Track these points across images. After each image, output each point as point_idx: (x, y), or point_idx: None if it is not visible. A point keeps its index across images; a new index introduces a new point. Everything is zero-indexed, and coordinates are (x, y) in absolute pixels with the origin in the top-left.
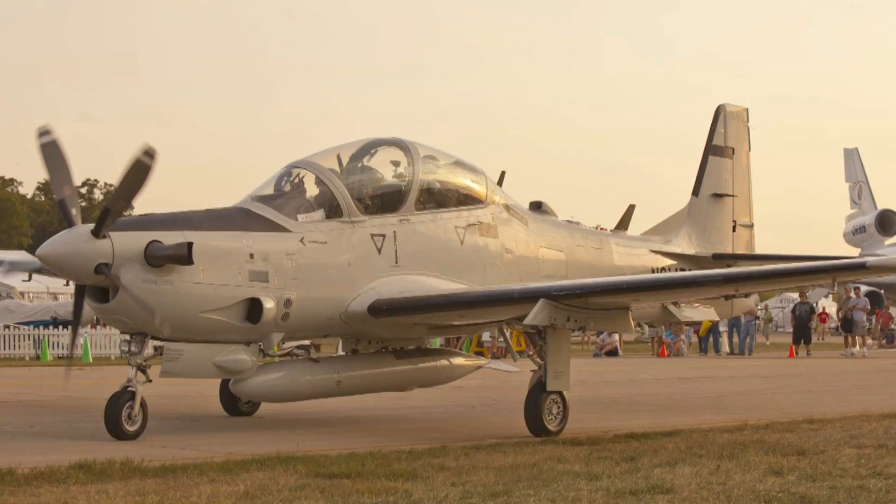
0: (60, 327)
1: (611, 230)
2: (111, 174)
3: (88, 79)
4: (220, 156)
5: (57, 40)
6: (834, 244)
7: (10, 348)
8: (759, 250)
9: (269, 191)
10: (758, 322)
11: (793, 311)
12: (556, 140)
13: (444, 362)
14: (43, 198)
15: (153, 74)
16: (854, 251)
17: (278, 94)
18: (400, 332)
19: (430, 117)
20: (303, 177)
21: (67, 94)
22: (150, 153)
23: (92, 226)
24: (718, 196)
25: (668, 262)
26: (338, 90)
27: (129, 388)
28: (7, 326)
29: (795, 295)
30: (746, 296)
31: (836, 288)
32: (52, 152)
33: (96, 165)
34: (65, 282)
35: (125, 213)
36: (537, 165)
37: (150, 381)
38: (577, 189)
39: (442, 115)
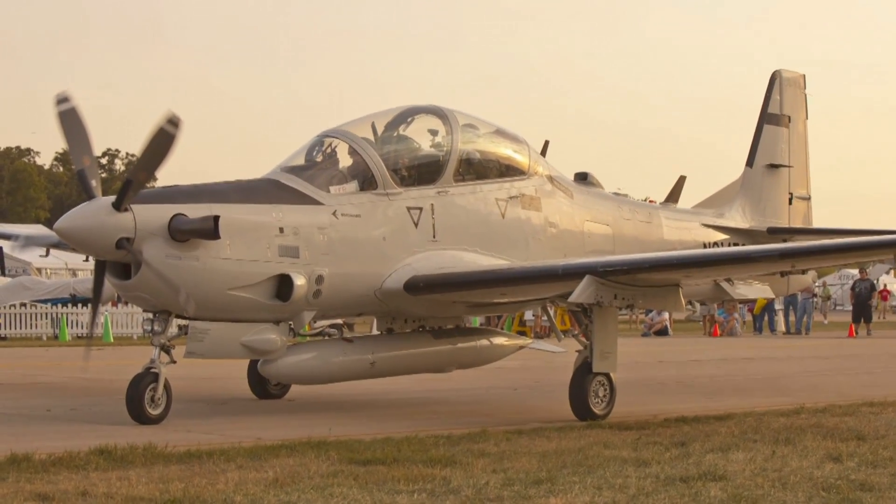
0: (79, 305)
1: (660, 203)
2: (133, 144)
3: (109, 44)
4: (247, 125)
5: (76, 3)
6: None
7: (26, 327)
8: (816, 224)
9: (300, 161)
10: (815, 300)
11: (852, 289)
12: (602, 108)
13: (484, 342)
14: (61, 169)
15: (177, 39)
16: None
17: (308, 59)
18: (438, 311)
19: (469, 84)
20: (335, 146)
21: (87, 59)
22: (174, 122)
23: (113, 198)
24: (774, 167)
25: (721, 236)
26: (371, 55)
27: (152, 370)
28: (23, 304)
29: (855, 271)
30: (803, 272)
31: None
32: (70, 121)
33: (117, 135)
34: (84, 257)
35: (148, 185)
36: (582, 135)
37: (175, 362)
38: (625, 160)
39: (481, 81)
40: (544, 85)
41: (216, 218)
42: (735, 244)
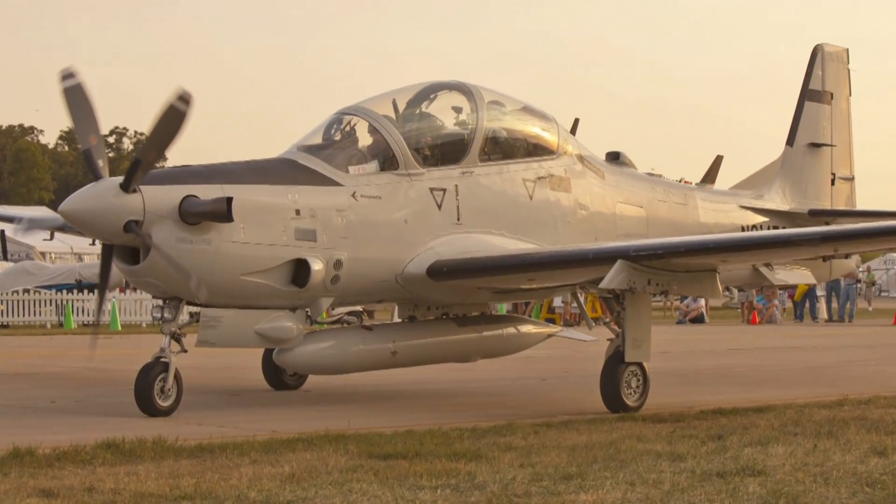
0: (86, 291)
1: (696, 184)
2: (142, 122)
3: (117, 15)
4: (261, 102)
5: None
6: None
7: (30, 315)
8: (860, 206)
9: (317, 140)
10: (859, 286)
11: None
12: (635, 84)
13: (511, 330)
14: (66, 148)
15: (188, 10)
16: None
17: (326, 33)
18: (462, 297)
19: (495, 59)
20: (354, 124)
21: (94, 32)
22: (185, 98)
23: (121, 179)
24: (815, 146)
25: (760, 219)
26: (392, 29)
27: (162, 359)
28: (27, 291)
29: None
30: (847, 256)
31: None
32: (76, 97)
33: (125, 112)
34: (90, 241)
35: (157, 165)
36: (614, 112)
37: (186, 351)
38: (659, 138)
39: (507, 56)
40: (574, 60)
41: (229, 199)
42: (775, 227)
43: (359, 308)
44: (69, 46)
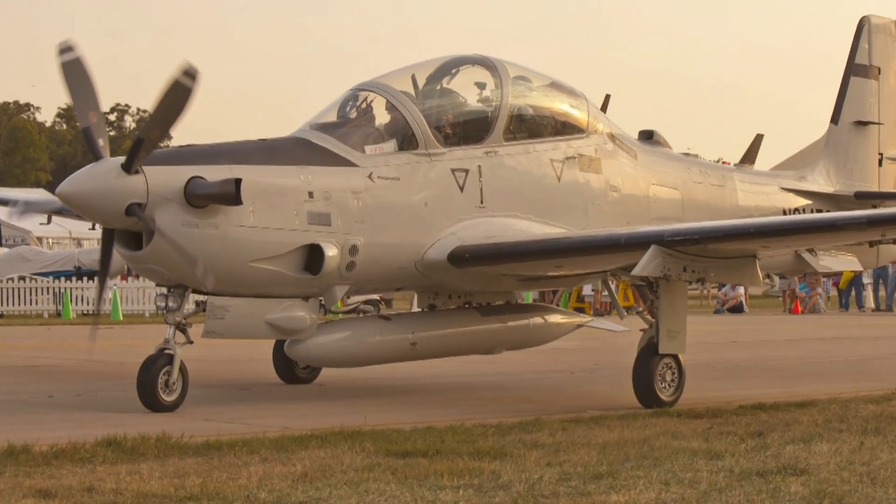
0: (85, 279)
1: (735, 164)
2: (145, 98)
3: None
4: (272, 77)
5: None
6: None
7: (25, 303)
8: None
9: (332, 118)
10: None
11: None
12: (669, 59)
13: (537, 320)
14: (64, 126)
15: None
16: None
17: (341, 3)
18: (486, 285)
19: (521, 32)
20: (371, 101)
21: (94, 3)
22: (190, 74)
23: (122, 159)
24: (862, 124)
25: (803, 201)
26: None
27: (167, 351)
28: (22, 278)
29: None
30: (895, 241)
31: None
32: (75, 73)
33: (127, 88)
34: (90, 225)
35: (161, 145)
36: (648, 88)
37: (191, 342)
38: (695, 116)
39: (534, 29)
40: (605, 33)
41: (238, 181)
42: (818, 210)
43: (376, 297)
44: (68, 18)
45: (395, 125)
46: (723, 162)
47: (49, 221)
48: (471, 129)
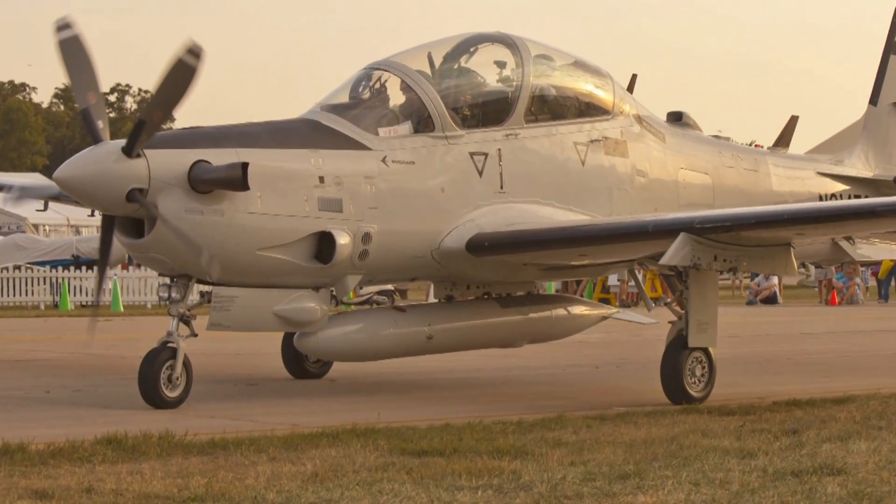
0: (84, 268)
1: (768, 148)
2: (147, 78)
3: None
4: (281, 56)
5: None
6: None
7: (21, 294)
8: None
9: (344, 98)
10: None
11: None
12: (699, 37)
13: (560, 312)
14: (62, 107)
15: None
16: None
17: None
18: (506, 275)
19: (542, 8)
20: (385, 81)
21: None
22: (195, 52)
23: (123, 142)
24: None
25: (840, 186)
26: None
27: (170, 344)
28: (17, 267)
29: None
30: None
31: None
32: (73, 51)
33: (128, 67)
34: (89, 212)
35: (164, 127)
36: (676, 68)
37: (196, 335)
38: (726, 97)
39: (557, 5)
40: (631, 9)
41: (245, 165)
42: (856, 196)
43: (390, 287)
44: None
45: (410, 106)
46: (755, 145)
47: (46, 208)
48: (490, 111)
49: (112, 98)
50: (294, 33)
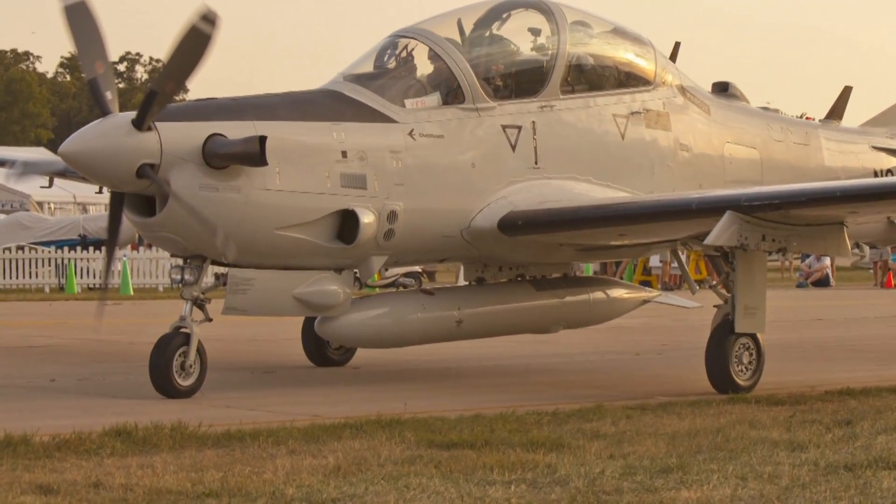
0: (91, 249)
1: (820, 120)
2: (158, 47)
3: None
4: (301, 22)
5: None
6: None
7: (24, 276)
8: None
9: (368, 68)
10: None
11: None
12: (746, 2)
13: (598, 295)
14: (68, 77)
15: None
16: None
17: None
18: (541, 255)
19: None
20: (412, 49)
21: None
22: (209, 18)
23: (133, 114)
24: None
25: None
26: None
27: (183, 330)
28: (21, 248)
29: None
30: None
31: None
32: (79, 17)
33: (138, 35)
34: (97, 188)
35: (177, 98)
36: (722, 35)
37: (211, 319)
38: (776, 67)
39: None
40: None
41: (262, 139)
42: None
43: (417, 269)
44: None
45: (438, 76)
46: (806, 118)
47: (51, 184)
48: (524, 81)
49: (121, 68)
50: None
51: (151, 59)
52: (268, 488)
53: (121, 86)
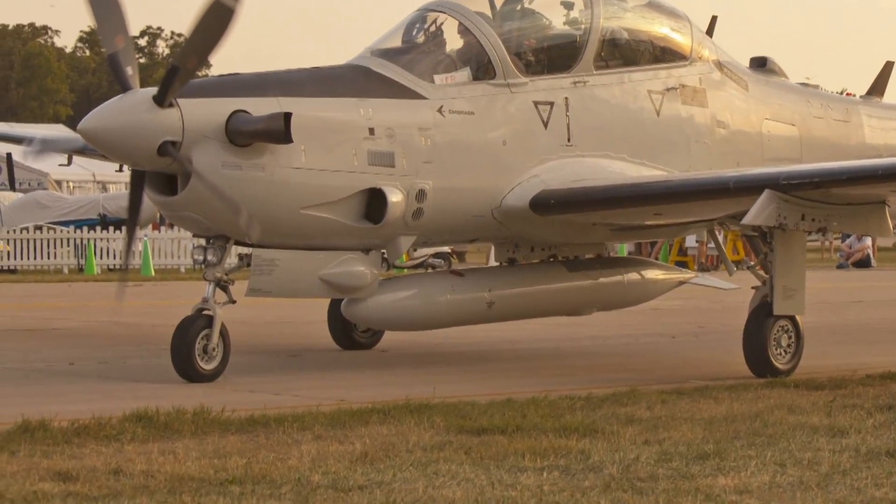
0: (111, 228)
1: (860, 97)
2: (180, 21)
3: None
4: None
5: None
6: None
7: (43, 257)
8: None
9: (396, 43)
10: None
11: None
12: None
13: (633, 276)
14: (87, 52)
15: None
16: None
17: None
18: (573, 236)
19: None
20: (441, 24)
21: None
22: None
23: (154, 90)
24: None
25: None
26: None
27: (205, 312)
28: (39, 228)
29: None
30: None
31: None
32: None
33: (160, 9)
34: (117, 166)
35: (199, 74)
36: (760, 9)
37: (234, 301)
38: (815, 41)
39: None
40: None
41: (287, 116)
42: None
43: (446, 249)
44: None
45: (468, 51)
46: (847, 94)
47: (70, 162)
48: (556, 56)
49: (142, 42)
50: None
51: (173, 33)
52: (293, 475)
53: (142, 61)
